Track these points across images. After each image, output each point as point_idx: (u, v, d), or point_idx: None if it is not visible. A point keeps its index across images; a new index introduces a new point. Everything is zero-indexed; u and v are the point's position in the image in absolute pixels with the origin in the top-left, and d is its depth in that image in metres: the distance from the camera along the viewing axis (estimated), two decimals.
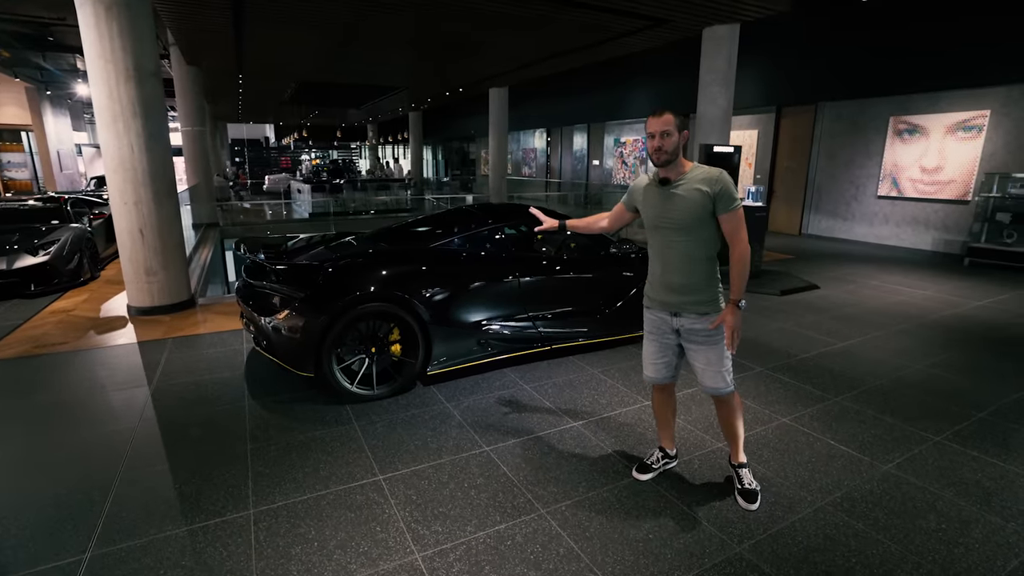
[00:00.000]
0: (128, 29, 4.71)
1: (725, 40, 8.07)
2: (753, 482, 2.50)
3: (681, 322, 2.35)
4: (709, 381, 2.36)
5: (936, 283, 6.90)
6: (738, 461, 2.53)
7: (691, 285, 2.30)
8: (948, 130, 8.72)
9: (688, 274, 2.29)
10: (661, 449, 2.73)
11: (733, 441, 2.52)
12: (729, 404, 2.43)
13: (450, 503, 2.43)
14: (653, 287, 2.43)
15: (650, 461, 2.70)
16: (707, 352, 2.33)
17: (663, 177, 2.28)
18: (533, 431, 3.08)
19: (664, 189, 2.28)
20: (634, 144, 15.44)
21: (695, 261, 2.28)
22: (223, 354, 4.25)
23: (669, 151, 2.20)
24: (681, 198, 2.23)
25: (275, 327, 3.31)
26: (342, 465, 2.71)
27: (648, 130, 2.24)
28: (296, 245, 4.23)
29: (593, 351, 4.30)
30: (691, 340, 2.36)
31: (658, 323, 2.44)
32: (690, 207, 2.21)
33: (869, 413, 3.36)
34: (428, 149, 30.43)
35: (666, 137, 2.18)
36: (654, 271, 2.42)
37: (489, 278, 3.77)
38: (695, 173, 2.25)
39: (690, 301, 2.31)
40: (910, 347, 4.55)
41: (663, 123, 2.18)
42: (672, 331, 2.40)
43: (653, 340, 2.49)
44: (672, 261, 2.31)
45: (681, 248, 2.28)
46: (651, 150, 2.23)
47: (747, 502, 2.43)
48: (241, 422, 3.16)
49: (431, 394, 3.55)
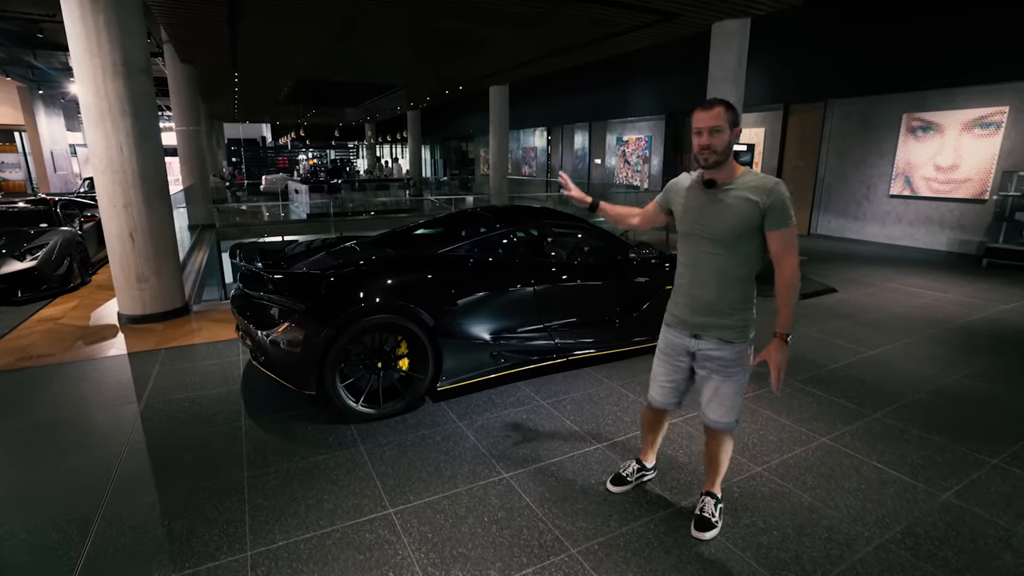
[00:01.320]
0: (115, 22, 4.45)
1: (735, 35, 7.83)
2: (715, 514, 2.26)
3: (699, 346, 2.09)
4: (713, 414, 2.12)
5: (956, 285, 6.68)
6: (710, 490, 2.34)
7: (720, 306, 2.03)
8: (964, 127, 8.49)
9: (719, 292, 2.02)
10: (638, 461, 2.58)
11: (712, 473, 2.31)
12: (722, 440, 2.20)
13: (470, 542, 2.18)
14: (677, 302, 2.17)
15: (625, 473, 2.55)
16: (720, 384, 2.08)
17: (709, 179, 2.00)
18: (555, 454, 2.84)
19: (709, 192, 2.00)
20: (636, 143, 15.21)
21: (730, 279, 2.01)
22: (218, 367, 4.00)
23: (719, 150, 1.91)
24: (726, 205, 1.95)
25: (274, 341, 3.06)
26: (348, 496, 2.46)
27: (695, 125, 1.93)
28: (295, 251, 3.98)
29: (610, 362, 4.06)
30: (705, 367, 2.11)
31: (673, 344, 2.19)
32: (735, 217, 1.93)
33: (914, 432, 3.12)
34: (426, 148, 30.14)
35: (716, 134, 1.89)
36: (681, 284, 2.15)
37: (502, 286, 3.53)
38: (746, 179, 1.96)
39: (715, 324, 2.04)
40: (943, 355, 4.32)
41: (713, 117, 1.89)
42: (686, 353, 2.15)
43: (664, 360, 2.25)
44: (703, 275, 2.04)
45: (716, 262, 2.00)
46: (697, 148, 1.94)
47: (699, 530, 2.22)
48: (237, 445, 2.90)
49: (441, 412, 3.30)
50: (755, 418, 3.27)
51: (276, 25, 8.51)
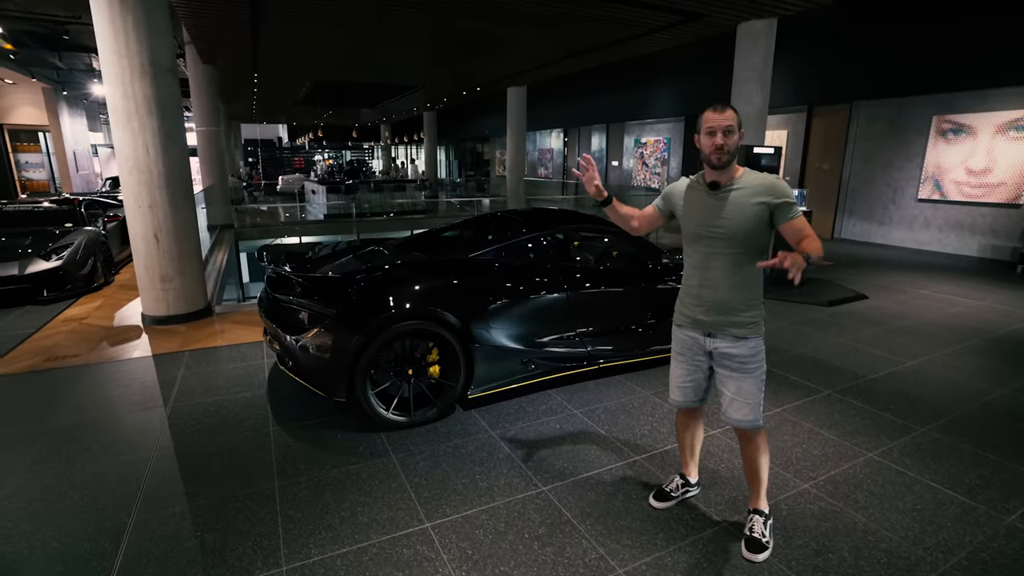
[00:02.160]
0: (144, 22, 4.44)
1: (762, 35, 7.69)
2: (766, 534, 2.18)
3: (715, 344, 2.11)
4: (735, 412, 2.11)
5: (991, 292, 6.47)
6: (756, 507, 2.25)
7: (731, 304, 2.05)
8: (998, 129, 8.26)
9: (730, 291, 2.04)
10: (681, 476, 2.50)
11: (755, 484, 2.23)
12: (754, 441, 2.16)
13: (512, 559, 2.09)
14: (686, 303, 2.20)
15: (669, 488, 2.47)
16: (740, 381, 2.08)
17: (713, 181, 2.03)
18: (592, 467, 2.75)
19: (714, 194, 2.03)
20: (655, 145, 15.06)
21: (740, 277, 2.03)
22: (243, 370, 3.96)
23: (731, 151, 1.96)
24: (733, 205, 1.99)
25: (303, 346, 3.00)
26: (383, 509, 2.39)
27: (707, 126, 1.97)
28: (321, 253, 3.93)
29: (640, 369, 3.96)
30: (724, 366, 2.12)
31: (689, 343, 2.21)
32: (743, 216, 1.97)
33: (966, 448, 2.98)
34: (441, 150, 30.17)
35: (729, 135, 1.94)
36: (690, 286, 2.17)
37: (534, 291, 3.44)
38: (748, 178, 2.01)
39: (728, 322, 2.06)
40: (986, 367, 4.16)
41: (726, 119, 1.94)
42: (704, 353, 2.17)
43: (682, 361, 2.26)
44: (713, 275, 2.06)
45: (726, 261, 2.03)
46: (709, 149, 1.97)
47: (750, 551, 2.13)
48: (266, 453, 2.85)
49: (473, 420, 3.22)
50: (797, 431, 3.15)
51: (298, 26, 8.52)
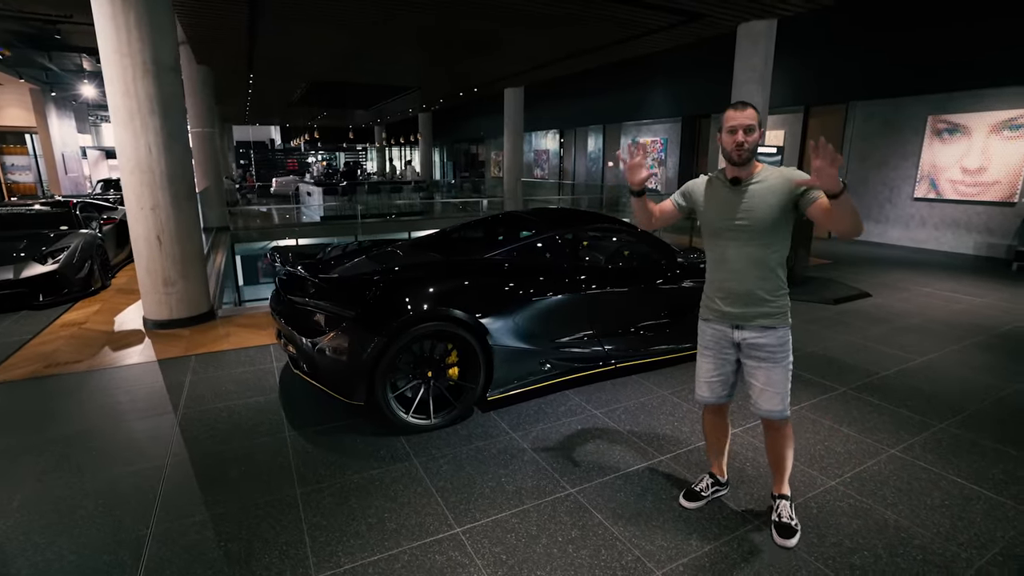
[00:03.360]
0: (146, 19, 4.36)
1: (762, 36, 7.73)
2: (793, 517, 2.24)
3: (744, 335, 2.14)
4: (765, 403, 2.14)
5: (991, 290, 6.53)
6: (780, 492, 2.31)
7: (757, 294, 2.09)
8: (993, 129, 8.36)
9: (755, 281, 2.09)
10: (711, 475, 2.50)
11: (779, 471, 2.30)
12: (782, 431, 2.21)
13: (547, 564, 2.06)
14: (712, 298, 2.23)
15: (699, 488, 2.47)
16: (769, 371, 2.12)
17: (734, 176, 2.08)
18: (618, 467, 2.72)
19: (736, 189, 2.08)
20: (652, 145, 15.09)
21: (765, 268, 2.08)
22: (252, 374, 3.89)
23: (751, 148, 2.03)
24: (755, 199, 2.04)
25: (320, 349, 2.94)
26: (411, 514, 2.34)
27: (729, 124, 2.03)
28: (332, 255, 3.88)
29: (656, 369, 3.94)
30: (752, 356, 2.15)
31: (717, 337, 2.23)
32: (768, 207, 2.02)
33: (986, 443, 2.99)
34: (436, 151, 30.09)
35: (750, 133, 2.01)
36: (714, 280, 2.21)
37: (551, 291, 3.41)
38: (766, 173, 2.07)
39: (755, 313, 2.11)
40: (995, 363, 4.18)
41: (748, 117, 2.00)
42: (732, 345, 2.20)
43: (709, 356, 2.27)
44: (739, 268, 2.10)
45: (751, 253, 2.08)
46: (731, 146, 2.04)
47: (781, 537, 2.18)
48: (284, 458, 2.79)
49: (493, 422, 3.18)
50: (817, 428, 3.14)
51: (297, 26, 8.44)
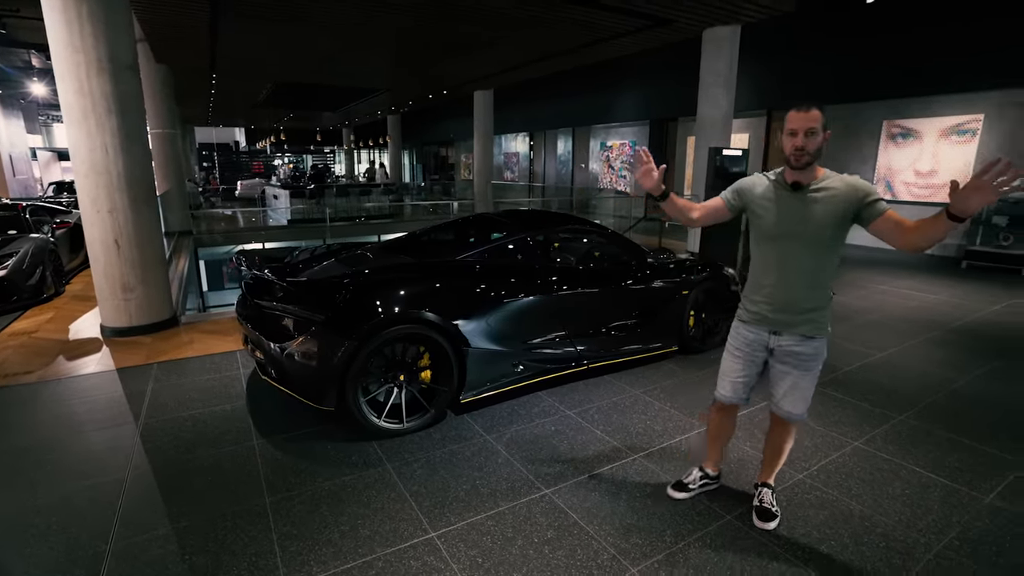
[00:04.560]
0: (100, 15, 4.19)
1: (726, 41, 7.93)
2: (775, 504, 2.32)
3: (780, 342, 2.13)
4: (789, 405, 2.17)
5: (943, 287, 6.85)
6: (766, 481, 2.40)
7: (806, 304, 2.06)
8: (942, 134, 8.77)
9: (804, 290, 2.06)
10: (702, 469, 2.54)
11: (772, 463, 2.36)
12: (790, 429, 2.26)
13: (523, 565, 2.05)
14: (754, 301, 2.18)
15: (688, 481, 2.51)
16: (799, 378, 2.13)
17: (795, 181, 2.02)
18: (592, 467, 2.73)
19: (796, 195, 2.02)
20: (621, 148, 15.30)
21: (815, 278, 2.06)
22: (218, 382, 3.77)
23: (812, 152, 1.94)
24: (817, 205, 1.98)
25: (289, 354, 2.87)
26: (384, 520, 2.30)
27: (789, 127, 1.95)
28: (300, 258, 3.79)
29: (628, 368, 3.98)
30: (785, 362, 2.14)
31: (750, 340, 2.20)
32: (828, 216, 1.97)
33: (941, 434, 3.12)
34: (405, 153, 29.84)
35: (811, 136, 1.92)
36: (761, 284, 2.15)
37: (524, 293, 3.41)
38: (830, 180, 2.00)
39: (800, 321, 2.08)
40: (949, 357, 4.37)
41: (810, 120, 1.91)
42: (765, 350, 2.18)
43: (739, 357, 2.24)
44: (792, 276, 2.06)
45: (804, 262, 2.04)
46: (790, 149, 1.96)
47: (761, 520, 2.28)
48: (253, 467, 2.71)
49: (466, 425, 3.16)
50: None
51: (261, 26, 8.25)
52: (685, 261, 4.34)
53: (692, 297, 4.12)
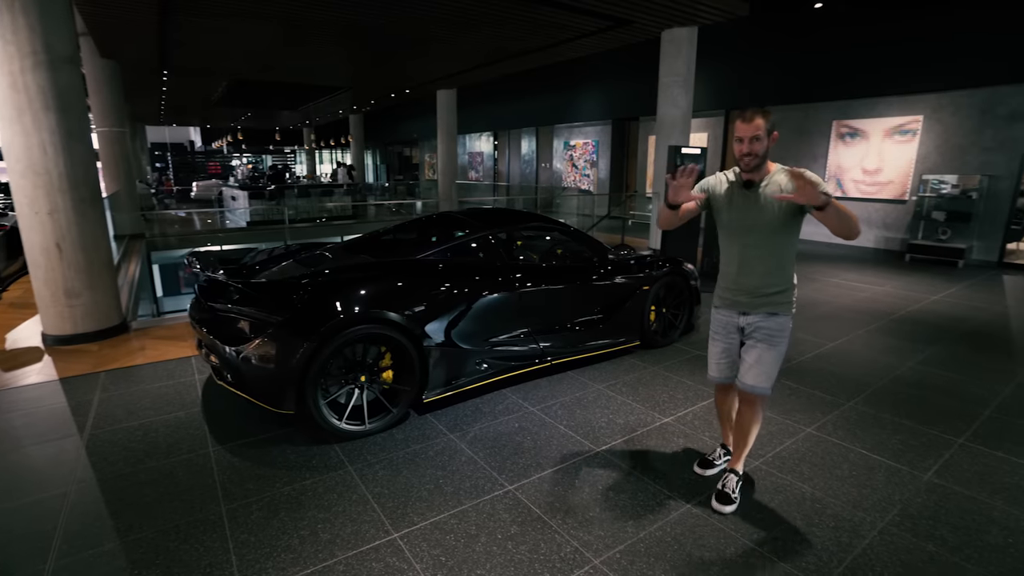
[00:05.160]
0: (34, 5, 3.97)
1: (684, 43, 8.12)
2: (735, 491, 2.41)
3: (748, 320, 2.32)
4: (753, 379, 2.29)
5: (889, 279, 7.19)
6: (733, 467, 2.47)
7: (767, 288, 2.26)
8: (886, 134, 9.20)
9: (764, 276, 2.25)
10: (723, 446, 2.71)
11: (740, 447, 2.45)
12: (756, 407, 2.37)
13: (487, 562, 2.05)
14: (724, 288, 2.38)
15: (712, 457, 2.68)
16: (764, 352, 2.28)
17: (748, 180, 2.22)
18: (555, 462, 2.75)
19: (751, 192, 2.21)
20: (584, 147, 15.47)
21: (775, 264, 2.24)
22: (172, 389, 3.63)
23: (759, 155, 2.14)
24: (767, 201, 2.17)
25: (246, 358, 2.79)
26: (346, 523, 2.26)
27: (736, 135, 2.15)
28: (258, 259, 3.69)
29: (591, 364, 4.03)
30: (752, 337, 2.31)
31: (724, 322, 2.41)
32: (777, 209, 2.15)
33: (886, 417, 3.28)
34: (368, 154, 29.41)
35: (755, 142, 2.11)
36: (728, 272, 2.35)
37: (486, 291, 3.41)
38: (777, 175, 2.18)
39: (764, 302, 2.27)
40: (893, 345, 4.60)
41: (753, 128, 2.10)
42: (737, 329, 2.37)
43: (719, 340, 2.45)
44: (752, 264, 2.26)
45: (763, 251, 2.23)
46: (739, 154, 2.17)
47: (720, 503, 2.38)
48: (208, 475, 2.62)
49: (429, 425, 3.14)
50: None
51: (214, 21, 7.98)
52: (646, 257, 4.42)
53: (653, 292, 4.20)
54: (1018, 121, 7.78)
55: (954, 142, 8.48)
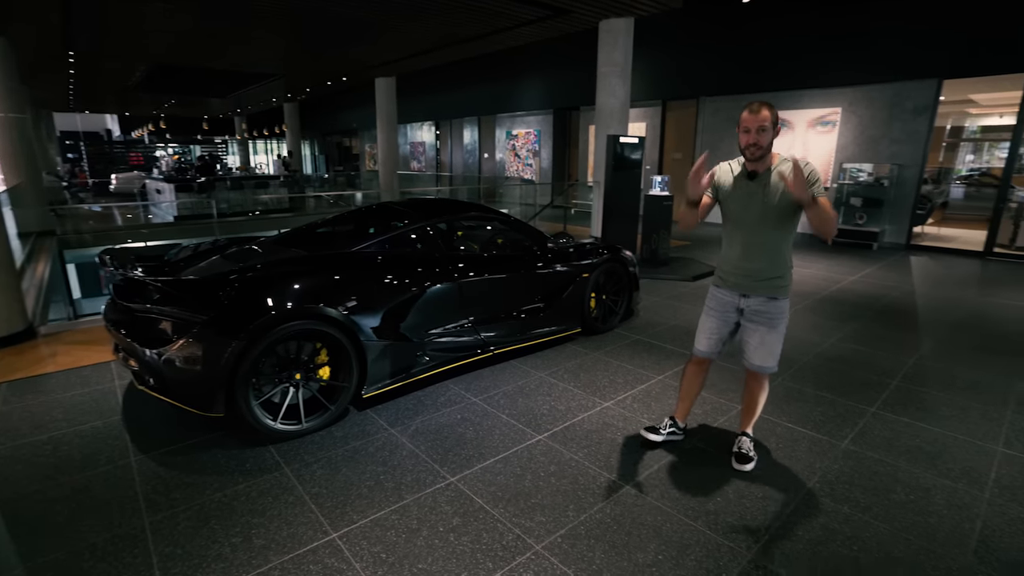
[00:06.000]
0: None
1: (621, 33, 8.23)
2: (752, 450, 2.64)
3: (749, 303, 2.46)
4: (759, 360, 2.48)
5: (814, 262, 7.66)
6: (745, 430, 2.71)
7: (768, 273, 2.39)
8: (810, 124, 9.74)
9: (766, 262, 2.38)
10: (672, 420, 2.83)
11: (750, 413, 2.67)
12: (762, 382, 2.58)
13: (429, 556, 2.03)
14: (726, 271, 2.51)
15: (660, 426, 2.82)
16: (766, 334, 2.45)
17: (752, 170, 2.33)
18: (498, 451, 2.76)
19: (755, 182, 2.32)
20: (526, 136, 15.50)
21: (778, 250, 2.37)
22: (87, 397, 3.37)
23: (764, 146, 2.25)
24: (771, 189, 2.29)
25: (168, 360, 2.62)
26: (281, 526, 2.18)
27: (744, 126, 2.25)
28: (181, 255, 3.48)
29: (534, 352, 4.06)
30: (753, 320, 2.47)
31: (724, 301, 2.54)
32: (781, 198, 2.27)
33: (809, 391, 3.50)
34: (306, 144, 28.28)
35: (762, 133, 2.22)
36: (731, 256, 2.48)
37: (425, 282, 3.36)
38: (783, 166, 2.30)
39: (765, 285, 2.41)
40: (817, 323, 4.91)
41: (760, 120, 2.21)
42: (735, 310, 2.51)
43: (714, 316, 2.58)
44: (753, 250, 2.39)
45: (764, 239, 2.36)
46: (744, 145, 2.27)
47: (740, 463, 2.58)
48: (130, 487, 2.46)
49: (370, 420, 3.07)
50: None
51: None
52: (585, 244, 4.49)
53: (592, 279, 4.28)
54: (921, 115, 8.43)
55: (868, 133, 9.08)
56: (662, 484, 2.49)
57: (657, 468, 2.62)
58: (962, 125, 12.62)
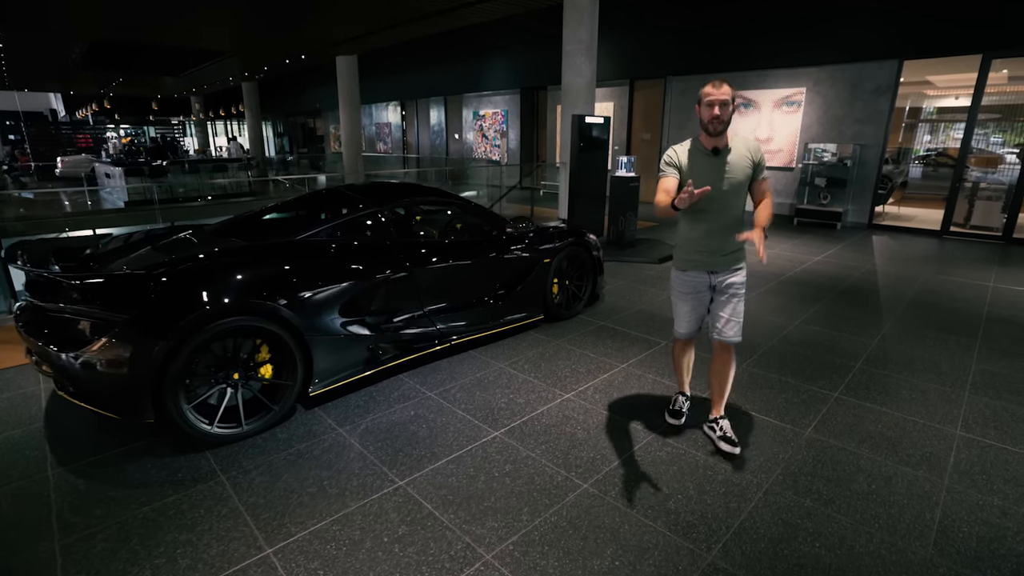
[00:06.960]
0: None
1: (585, 10, 8.02)
2: (731, 431, 2.63)
3: (718, 278, 2.54)
4: (731, 331, 2.56)
5: (779, 243, 7.69)
6: (721, 413, 2.70)
7: (730, 246, 2.46)
8: (775, 104, 9.73)
9: (729, 235, 2.44)
10: (682, 394, 2.92)
11: (720, 394, 2.69)
12: (732, 355, 2.63)
13: (370, 570, 1.89)
14: (690, 252, 2.54)
15: (678, 407, 2.87)
16: (736, 304, 2.54)
17: (714, 147, 2.37)
18: (451, 450, 2.62)
19: (717, 158, 2.37)
20: (493, 117, 15.18)
21: (735, 223, 2.45)
22: (5, 403, 3.09)
23: (725, 120, 2.30)
24: (731, 164, 2.37)
25: (86, 364, 2.39)
26: (211, 543, 2.01)
27: (707, 99, 2.30)
28: (108, 247, 3.20)
29: (494, 342, 3.92)
30: (724, 292, 2.54)
31: (694, 283, 2.58)
32: (741, 172, 2.38)
33: (774, 377, 3.45)
34: (268, 125, 27.22)
35: (724, 107, 2.27)
36: (693, 236, 2.51)
37: (374, 272, 3.16)
38: (737, 141, 2.41)
39: (730, 259, 2.50)
40: (781, 305, 4.89)
41: (723, 94, 2.27)
42: (708, 288, 2.58)
43: (688, 299, 2.63)
44: (718, 224, 2.43)
45: (727, 212, 2.42)
46: (707, 119, 2.31)
47: (729, 446, 2.57)
48: (44, 505, 2.23)
49: (317, 419, 2.89)
50: (642, 384, 3.37)
51: None
52: (547, 228, 4.34)
53: (555, 264, 4.14)
54: (882, 95, 8.48)
55: (832, 113, 9.12)
56: (622, 481, 2.40)
57: (617, 464, 2.52)
58: (920, 106, 12.85)
